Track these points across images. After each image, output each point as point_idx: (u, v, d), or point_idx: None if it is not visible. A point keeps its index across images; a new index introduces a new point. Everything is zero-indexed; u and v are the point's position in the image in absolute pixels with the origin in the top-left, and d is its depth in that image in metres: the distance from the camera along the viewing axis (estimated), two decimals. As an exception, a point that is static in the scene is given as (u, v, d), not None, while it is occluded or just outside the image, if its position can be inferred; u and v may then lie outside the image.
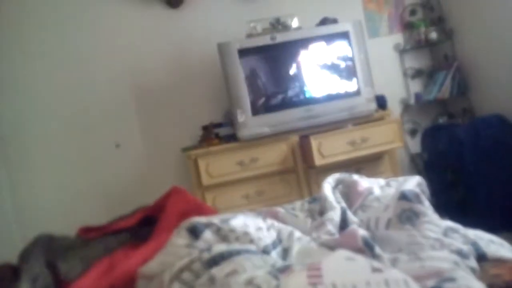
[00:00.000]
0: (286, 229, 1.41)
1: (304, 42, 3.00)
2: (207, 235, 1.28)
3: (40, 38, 3.17)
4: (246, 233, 1.28)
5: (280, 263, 1.14)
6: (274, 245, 1.31)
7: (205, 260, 1.12)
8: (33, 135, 3.16)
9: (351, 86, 3.04)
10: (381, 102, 3.17)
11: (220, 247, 1.17)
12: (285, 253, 1.31)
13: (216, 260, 1.11)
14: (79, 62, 3.21)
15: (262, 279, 0.94)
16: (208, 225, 1.31)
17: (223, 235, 1.29)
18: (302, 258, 1.24)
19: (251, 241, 1.26)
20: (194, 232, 1.29)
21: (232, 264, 1.07)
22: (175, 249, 1.26)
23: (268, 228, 1.38)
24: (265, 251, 1.26)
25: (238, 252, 1.13)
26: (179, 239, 1.29)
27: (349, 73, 3.04)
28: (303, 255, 1.26)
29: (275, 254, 1.27)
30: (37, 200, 3.13)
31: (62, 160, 3.19)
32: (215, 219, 1.33)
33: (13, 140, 3.13)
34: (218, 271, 1.06)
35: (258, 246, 1.25)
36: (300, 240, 1.35)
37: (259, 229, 1.35)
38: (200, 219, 1.34)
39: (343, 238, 1.26)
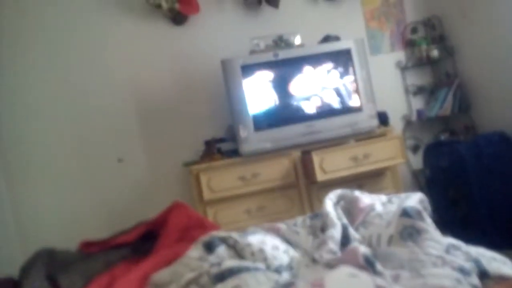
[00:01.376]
0: (295, 256, 1.42)
1: (306, 59, 3.02)
2: (221, 250, 1.32)
3: (42, 52, 3.19)
4: (261, 250, 1.32)
5: (283, 279, 1.14)
6: (286, 268, 1.32)
7: (213, 275, 1.14)
8: (34, 150, 3.16)
9: (353, 102, 3.05)
10: (383, 119, 3.18)
11: (229, 263, 1.18)
12: (294, 277, 1.31)
13: (224, 276, 1.12)
14: (82, 77, 3.23)
15: (265, 295, 0.94)
16: (225, 240, 1.35)
17: (238, 248, 1.33)
18: (306, 275, 1.24)
19: (265, 259, 1.29)
20: (209, 247, 1.32)
21: (236, 280, 1.08)
22: (188, 260, 1.30)
23: (284, 252, 1.40)
24: (278, 270, 1.27)
25: (247, 269, 1.14)
26: (194, 251, 1.33)
27: (351, 89, 3.05)
28: (307, 273, 1.26)
29: (286, 274, 1.27)
30: (38, 214, 3.12)
31: (63, 174, 3.19)
32: (234, 234, 1.38)
33: (14, 154, 3.13)
34: (222, 287, 1.06)
35: (271, 265, 1.27)
36: (307, 266, 1.35)
37: (275, 248, 1.37)
38: (219, 233, 1.39)
39: (344, 256, 1.26)
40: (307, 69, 3.02)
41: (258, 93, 2.93)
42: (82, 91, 3.23)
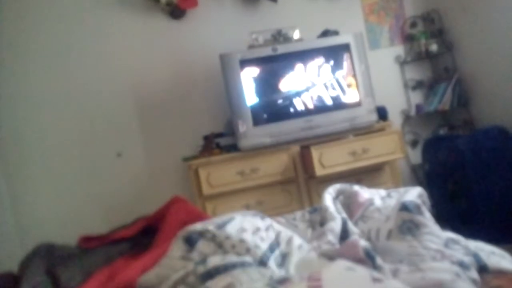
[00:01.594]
0: (285, 232, 1.40)
1: (305, 54, 3.02)
2: (202, 245, 1.27)
3: (41, 47, 3.18)
4: (242, 240, 1.27)
5: (277, 274, 1.13)
6: (272, 248, 1.30)
7: (200, 273, 1.11)
8: (33, 144, 3.16)
9: (352, 97, 3.05)
10: (382, 113, 3.18)
11: (215, 260, 1.16)
12: (283, 259, 1.29)
13: (211, 274, 1.10)
14: (81, 72, 3.23)
15: (261, 292, 0.93)
16: (203, 233, 1.30)
17: (218, 242, 1.27)
18: (302, 269, 1.24)
19: (248, 249, 1.25)
20: (189, 242, 1.28)
21: (228, 278, 1.06)
22: (171, 261, 1.26)
23: (267, 229, 1.37)
24: (262, 260, 1.24)
25: (233, 266, 1.12)
26: (175, 250, 1.29)
27: (350, 84, 3.05)
28: (302, 266, 1.26)
29: (272, 262, 1.26)
30: (37, 209, 3.12)
31: (62, 170, 3.19)
32: (211, 225, 1.32)
33: (13, 149, 3.13)
34: (213, 285, 1.05)
35: (255, 255, 1.24)
36: (300, 249, 1.34)
37: (256, 230, 1.33)
38: (196, 226, 1.33)
39: (344, 248, 1.26)
40: (306, 63, 3.01)
41: (256, 88, 2.93)
42: (81, 85, 3.23)
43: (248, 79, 2.90)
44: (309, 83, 3.01)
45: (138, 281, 1.27)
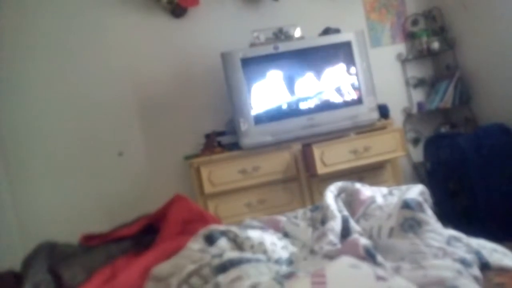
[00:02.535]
0: (298, 254, 1.42)
1: (306, 52, 3.01)
2: (222, 242, 1.33)
3: (42, 46, 3.19)
4: (261, 243, 1.33)
5: (284, 269, 1.15)
6: (286, 262, 1.33)
7: (214, 266, 1.14)
8: (35, 143, 3.16)
9: (353, 95, 3.05)
10: (383, 111, 3.18)
11: (231, 254, 1.19)
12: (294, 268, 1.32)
13: (225, 267, 1.12)
14: (81, 71, 3.23)
15: (266, 286, 0.94)
16: (225, 233, 1.36)
17: (239, 242, 1.34)
18: (307, 267, 1.24)
19: (265, 251, 1.30)
20: (210, 239, 1.34)
21: (238, 271, 1.08)
22: (189, 252, 1.31)
23: (283, 248, 1.41)
24: (277, 262, 1.28)
25: (248, 260, 1.15)
26: (195, 244, 1.34)
27: (352, 82, 3.05)
28: (308, 264, 1.26)
29: (285, 266, 1.28)
30: (39, 208, 3.13)
31: (64, 168, 3.19)
32: (234, 227, 1.39)
33: (15, 148, 3.14)
34: (223, 278, 1.07)
35: (271, 257, 1.29)
36: (306, 259, 1.36)
37: (273, 244, 1.38)
38: (219, 227, 1.40)
39: (345, 247, 1.26)
40: (307, 61, 3.01)
41: (258, 86, 2.92)
42: (82, 84, 3.23)
43: (249, 77, 2.90)
44: (310, 81, 3.01)
45: (151, 272, 1.28)
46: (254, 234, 1.37)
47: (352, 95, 3.05)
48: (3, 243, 2.90)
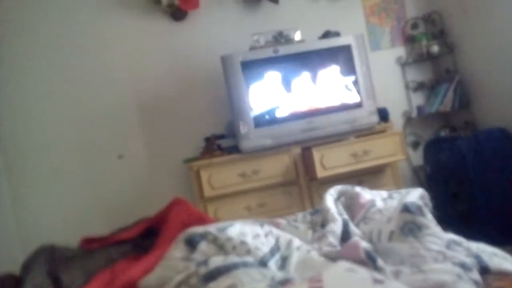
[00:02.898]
0: (284, 236, 1.41)
1: (306, 55, 3.02)
2: (203, 246, 1.29)
3: (41, 50, 3.19)
4: (243, 242, 1.28)
5: (279, 275, 1.14)
6: (272, 252, 1.31)
7: (202, 275, 1.12)
8: (35, 146, 3.16)
9: (353, 98, 3.05)
10: (383, 115, 3.18)
11: (217, 261, 1.17)
12: (284, 262, 1.30)
13: (213, 275, 1.10)
14: (82, 74, 3.23)
15: (263, 293, 0.93)
16: (205, 235, 1.31)
17: (220, 244, 1.29)
18: (302, 269, 1.24)
19: (248, 251, 1.26)
20: (191, 244, 1.30)
21: (230, 279, 1.06)
22: (172, 262, 1.27)
23: (266, 235, 1.38)
24: (263, 261, 1.25)
25: (235, 266, 1.13)
26: (176, 251, 1.30)
27: (351, 85, 3.05)
28: (303, 266, 1.26)
29: (273, 264, 1.26)
30: (39, 211, 3.12)
31: (64, 171, 3.19)
32: (212, 228, 1.34)
33: (15, 151, 3.13)
34: (215, 286, 1.05)
35: (256, 256, 1.25)
36: (299, 249, 1.34)
37: (256, 236, 1.35)
38: (197, 229, 1.34)
39: (345, 249, 1.26)
40: (307, 64, 3.02)
41: (258, 89, 2.93)
42: (82, 87, 3.23)
43: (249, 81, 2.90)
44: (310, 85, 3.01)
45: (139, 284, 1.27)
46: (234, 232, 1.32)
47: (351, 99, 3.05)
48: (2, 246, 2.90)
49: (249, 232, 1.35)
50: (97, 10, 3.27)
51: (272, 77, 2.97)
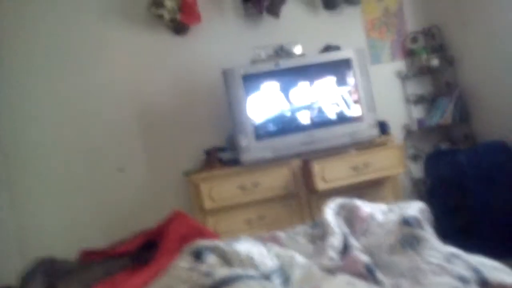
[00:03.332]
0: (287, 256, 1.41)
1: (307, 69, 3.04)
2: (211, 258, 1.30)
3: (43, 62, 3.21)
4: (250, 257, 1.31)
5: (278, 288, 1.14)
6: (276, 269, 1.31)
7: (207, 286, 1.12)
8: (35, 158, 3.17)
9: (353, 111, 3.06)
10: (383, 128, 3.19)
11: (222, 272, 1.17)
12: (287, 278, 1.30)
13: (218, 286, 1.10)
14: (83, 86, 3.24)
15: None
16: (213, 248, 1.33)
17: (227, 258, 1.31)
18: (304, 284, 1.23)
19: (254, 265, 1.27)
20: (198, 256, 1.31)
21: None
22: (177, 272, 1.28)
23: (272, 258, 1.39)
24: (267, 276, 1.26)
25: (239, 278, 1.13)
26: (182, 262, 1.31)
27: (352, 99, 3.06)
28: (304, 282, 1.25)
29: (276, 278, 1.26)
30: (38, 223, 3.12)
31: (64, 183, 3.19)
32: (220, 242, 1.37)
33: (15, 162, 3.14)
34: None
35: (261, 271, 1.26)
36: (301, 266, 1.34)
37: (262, 255, 1.36)
38: (205, 242, 1.37)
39: (345, 263, 1.25)
40: (308, 78, 3.03)
41: (259, 102, 2.94)
42: (83, 100, 3.24)
43: (250, 94, 2.92)
44: (311, 98, 3.03)
45: None
46: (242, 247, 1.35)
47: (352, 112, 3.06)
48: (1, 257, 2.89)
49: (255, 251, 1.37)
50: (100, 24, 3.30)
51: (272, 90, 2.99)
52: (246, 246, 1.37)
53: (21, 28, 3.20)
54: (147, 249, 1.75)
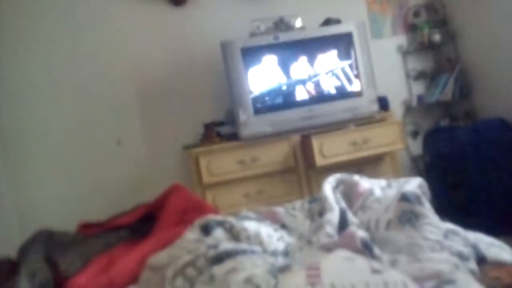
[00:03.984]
0: (294, 244, 1.42)
1: (307, 42, 3.00)
2: (218, 232, 1.33)
3: (40, 35, 3.16)
4: (257, 234, 1.33)
5: (280, 262, 1.15)
6: (282, 253, 1.33)
7: (210, 257, 1.14)
8: (33, 132, 3.15)
9: (353, 87, 3.03)
10: (383, 104, 3.17)
11: (226, 245, 1.19)
12: (290, 259, 1.31)
13: (221, 258, 1.13)
14: (80, 59, 3.21)
15: (261, 278, 0.94)
16: (222, 223, 1.36)
17: (235, 233, 1.33)
18: (302, 258, 1.24)
19: (261, 242, 1.30)
20: (206, 229, 1.34)
21: (233, 263, 1.08)
22: (185, 243, 1.31)
23: (279, 239, 1.40)
24: (273, 254, 1.28)
25: (243, 251, 1.15)
26: (191, 234, 1.34)
27: (352, 74, 3.03)
28: (304, 257, 1.26)
29: (280, 257, 1.28)
30: (37, 196, 3.13)
31: (62, 156, 3.18)
32: (231, 218, 1.40)
33: (13, 136, 3.13)
34: (218, 269, 1.07)
35: (267, 249, 1.28)
36: (301, 246, 1.36)
37: (269, 236, 1.38)
38: (216, 217, 1.40)
39: (342, 239, 1.26)
40: (308, 52, 2.99)
41: (258, 76, 2.91)
42: (80, 72, 3.21)
43: (249, 67, 2.88)
44: (310, 72, 3.00)
45: (147, 261, 1.29)
46: (251, 225, 1.37)
47: (352, 87, 3.04)
48: (1, 230, 2.91)
49: (264, 230, 1.39)
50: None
51: (272, 63, 2.95)
52: (255, 225, 1.39)
53: (19, 3, 3.14)
54: (146, 222, 1.75)
